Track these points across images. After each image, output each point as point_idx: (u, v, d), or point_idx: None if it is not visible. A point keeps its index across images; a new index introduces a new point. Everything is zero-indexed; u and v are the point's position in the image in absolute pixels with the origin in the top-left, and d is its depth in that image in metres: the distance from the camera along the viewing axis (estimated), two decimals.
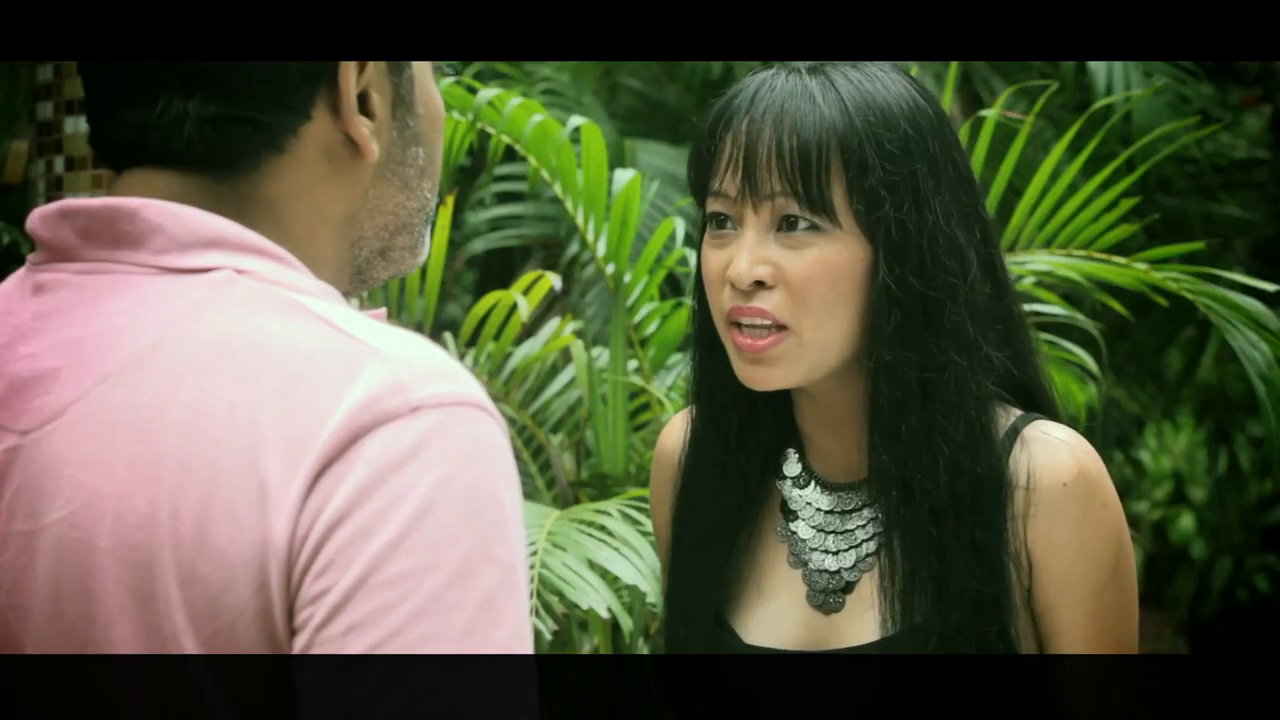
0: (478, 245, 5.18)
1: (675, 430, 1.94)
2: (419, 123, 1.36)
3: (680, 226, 3.50)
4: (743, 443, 1.87)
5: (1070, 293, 3.91)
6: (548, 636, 2.86)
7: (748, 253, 1.76)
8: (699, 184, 1.81)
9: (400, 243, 1.37)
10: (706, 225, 1.82)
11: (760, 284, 1.76)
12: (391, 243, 1.36)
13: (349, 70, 1.30)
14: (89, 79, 1.32)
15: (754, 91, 1.78)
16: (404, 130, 1.35)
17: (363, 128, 1.31)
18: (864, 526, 1.83)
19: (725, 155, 1.77)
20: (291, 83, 1.28)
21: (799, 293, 1.75)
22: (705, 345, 1.86)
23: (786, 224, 1.76)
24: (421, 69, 1.36)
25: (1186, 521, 9.26)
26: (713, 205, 1.80)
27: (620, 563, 2.87)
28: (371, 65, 1.31)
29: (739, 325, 1.77)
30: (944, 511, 1.76)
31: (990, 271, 1.81)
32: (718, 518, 1.87)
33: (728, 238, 1.78)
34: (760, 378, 1.77)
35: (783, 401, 1.86)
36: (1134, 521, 8.73)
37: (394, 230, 1.36)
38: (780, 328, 1.75)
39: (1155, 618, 8.54)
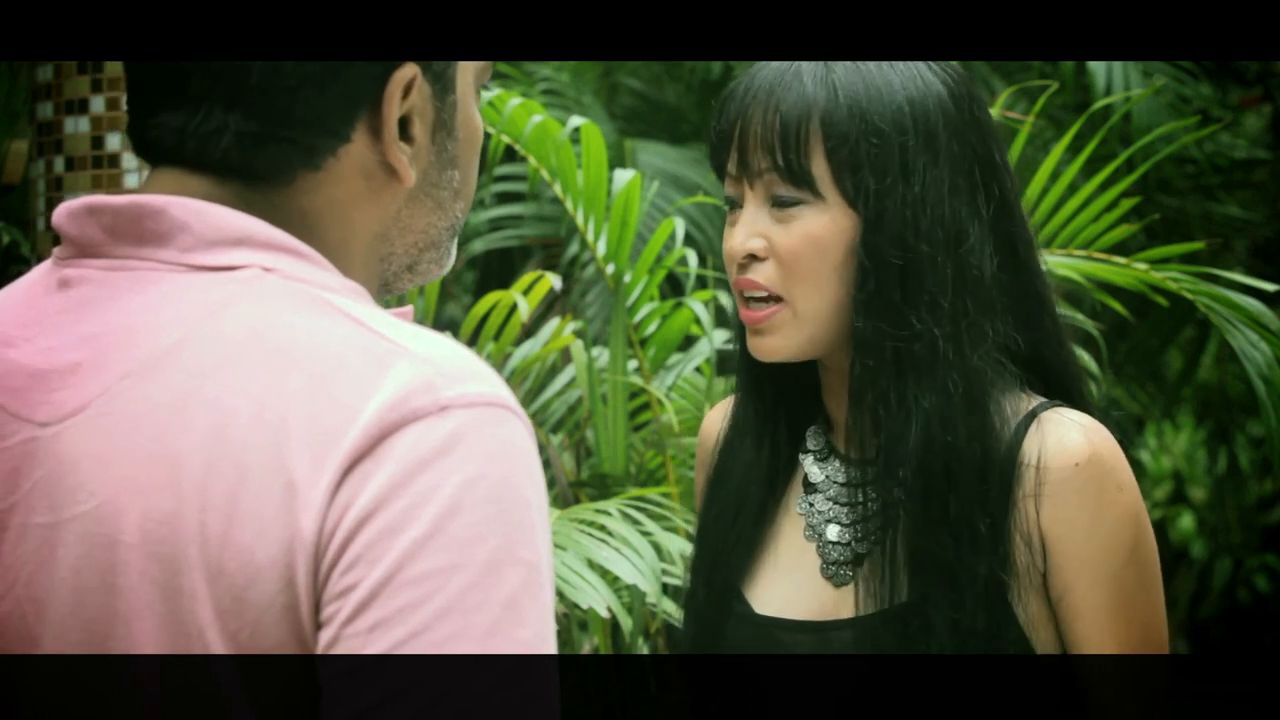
0: (478, 245, 5.18)
1: (716, 414, 2.01)
2: (457, 146, 1.36)
3: (680, 227, 3.50)
4: (776, 416, 1.92)
5: (1070, 293, 3.91)
6: None
7: (743, 228, 1.83)
8: (715, 165, 1.90)
9: (428, 258, 1.38)
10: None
11: (754, 257, 1.83)
12: (420, 258, 1.37)
13: (393, 96, 1.30)
14: (132, 75, 1.31)
15: (753, 76, 1.85)
16: (442, 154, 1.35)
17: (401, 155, 1.31)
18: (875, 500, 1.85)
19: (729, 138, 1.85)
20: (334, 105, 1.28)
21: (788, 265, 1.81)
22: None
23: (777, 200, 1.82)
24: (465, 92, 1.36)
25: (1186, 521, 9.26)
26: (726, 188, 1.88)
27: (620, 563, 2.88)
28: (416, 90, 1.31)
29: (745, 299, 1.84)
30: (914, 482, 1.78)
31: (1008, 249, 1.85)
32: (743, 485, 1.92)
33: (736, 216, 1.86)
34: (762, 348, 1.84)
35: (812, 378, 1.91)
36: None
37: (423, 247, 1.37)
38: (777, 299, 1.82)
39: None
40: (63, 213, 1.30)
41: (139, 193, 1.29)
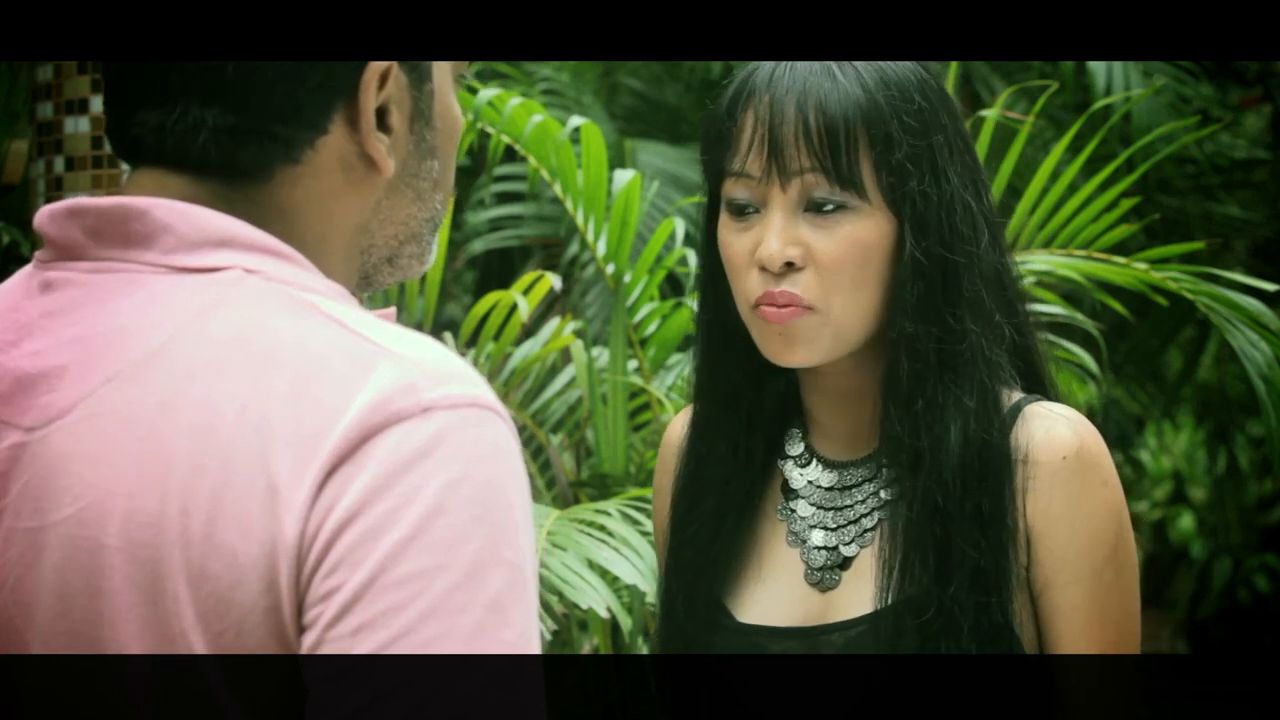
0: (478, 245, 5.18)
1: (681, 423, 1.95)
2: (436, 136, 1.36)
3: (680, 226, 3.49)
4: (751, 424, 1.87)
5: (1070, 293, 3.91)
6: (547, 636, 2.86)
7: (778, 234, 1.75)
8: (715, 166, 1.81)
9: (408, 251, 1.37)
10: (725, 209, 1.81)
11: (790, 265, 1.75)
12: (400, 251, 1.37)
13: (369, 86, 1.29)
14: (110, 74, 1.31)
15: (771, 70, 1.78)
16: (420, 143, 1.34)
17: (379, 145, 1.31)
18: (863, 502, 1.83)
19: (747, 134, 1.77)
20: (311, 97, 1.28)
21: (829, 273, 1.75)
22: (718, 330, 1.86)
23: (814, 204, 1.76)
24: (442, 82, 1.36)
25: (1186, 521, 9.27)
26: (733, 188, 1.79)
27: (620, 563, 2.87)
28: (392, 80, 1.31)
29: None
30: (952, 480, 1.76)
31: (996, 240, 1.83)
32: (723, 498, 1.87)
33: (751, 220, 1.78)
34: (789, 355, 1.77)
35: (790, 381, 1.87)
36: (1134, 521, 8.77)
37: (404, 240, 1.36)
38: (805, 307, 1.76)
39: (1155, 618, 8.54)
40: (44, 215, 1.30)
41: (121, 195, 1.29)
